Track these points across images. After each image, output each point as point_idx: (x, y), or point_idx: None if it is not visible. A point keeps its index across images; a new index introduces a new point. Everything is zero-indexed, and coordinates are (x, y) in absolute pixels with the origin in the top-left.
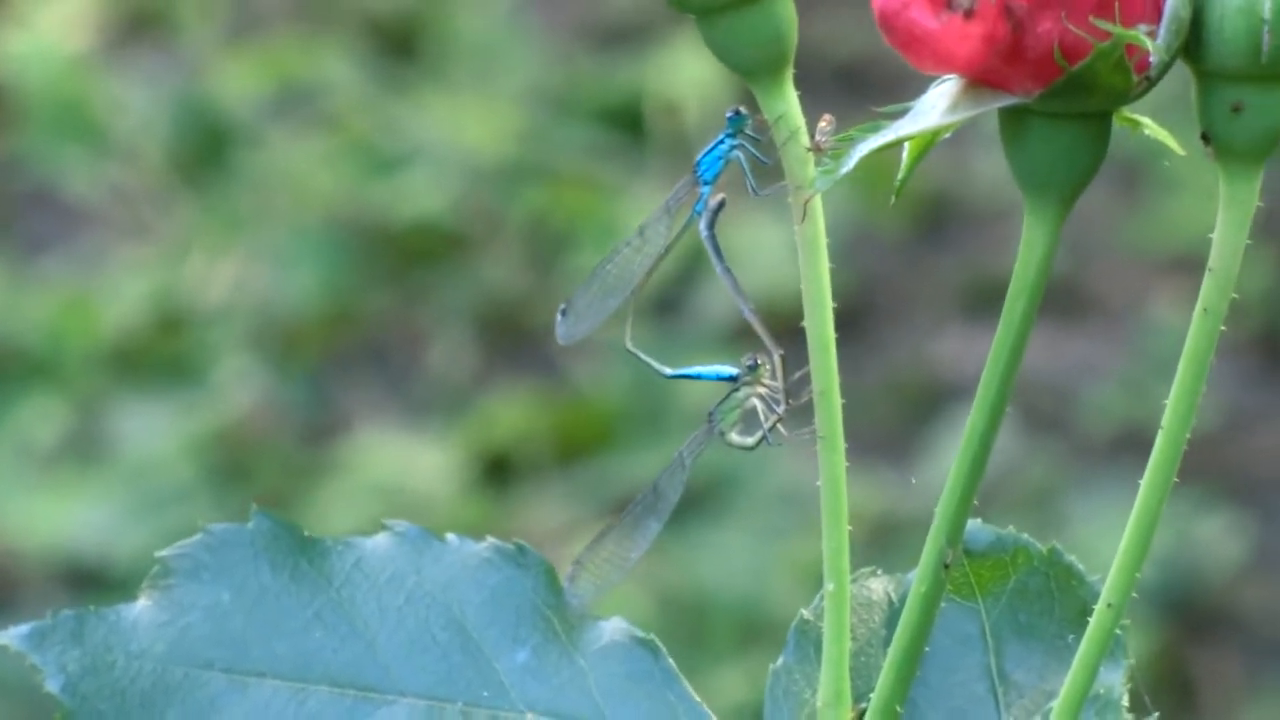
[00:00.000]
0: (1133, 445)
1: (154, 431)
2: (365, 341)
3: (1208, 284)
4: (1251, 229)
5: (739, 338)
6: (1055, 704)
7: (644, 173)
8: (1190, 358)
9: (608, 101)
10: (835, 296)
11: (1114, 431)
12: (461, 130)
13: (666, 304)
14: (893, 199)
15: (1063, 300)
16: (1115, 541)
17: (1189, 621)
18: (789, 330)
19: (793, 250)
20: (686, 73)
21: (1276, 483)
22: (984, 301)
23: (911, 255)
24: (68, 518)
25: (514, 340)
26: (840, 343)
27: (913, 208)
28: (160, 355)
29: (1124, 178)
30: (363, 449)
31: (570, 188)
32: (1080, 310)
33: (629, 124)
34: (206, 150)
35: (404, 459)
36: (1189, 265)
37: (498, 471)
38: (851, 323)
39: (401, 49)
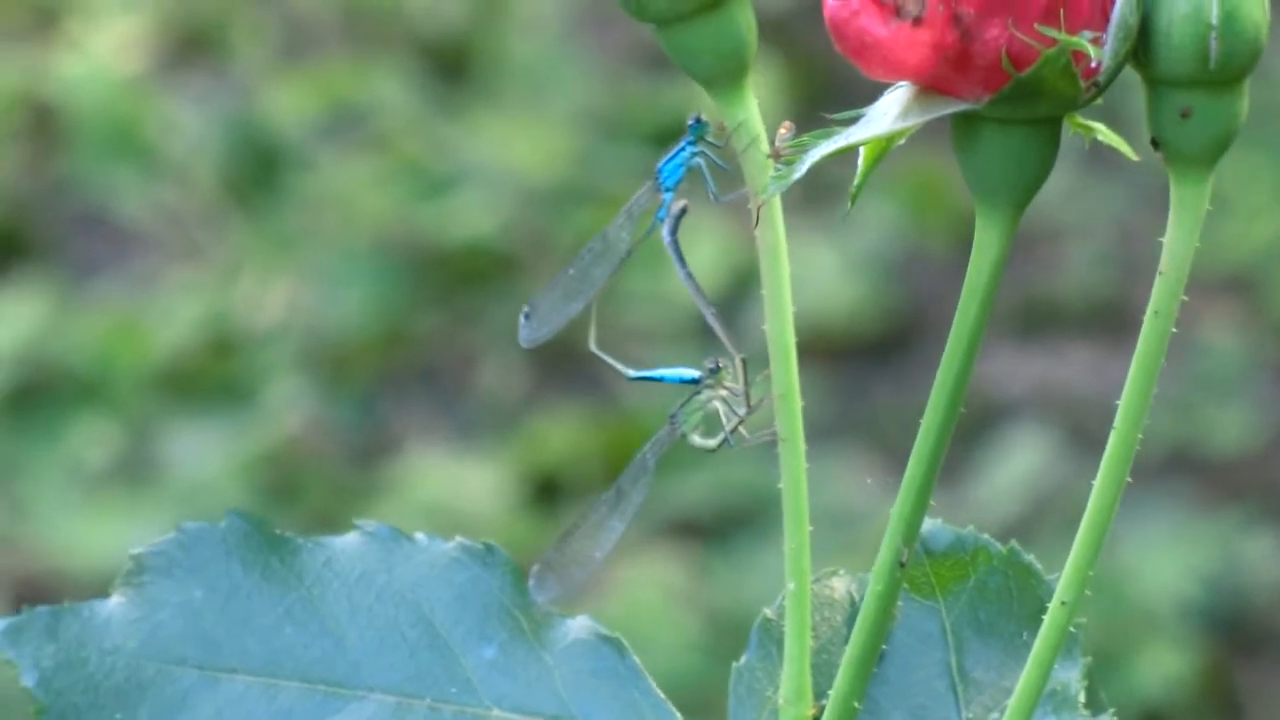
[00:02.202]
0: (1182, 466)
1: (204, 453)
2: (415, 362)
3: (1159, 287)
4: None
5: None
6: (1011, 700)
7: (692, 195)
8: (1141, 360)
9: (657, 123)
10: (884, 316)
11: (1163, 452)
12: (511, 152)
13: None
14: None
15: (1110, 320)
16: (1166, 563)
17: (1235, 640)
18: (840, 352)
19: (843, 270)
20: None
21: None
22: (1036, 321)
23: (962, 275)
24: (117, 538)
25: (563, 361)
26: (890, 362)
27: (962, 228)
28: (211, 377)
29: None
30: (413, 469)
31: (617, 209)
32: (1127, 330)
33: None
34: (258, 172)
35: (454, 479)
36: (1238, 286)
37: (547, 492)
38: (902, 342)
39: (452, 71)
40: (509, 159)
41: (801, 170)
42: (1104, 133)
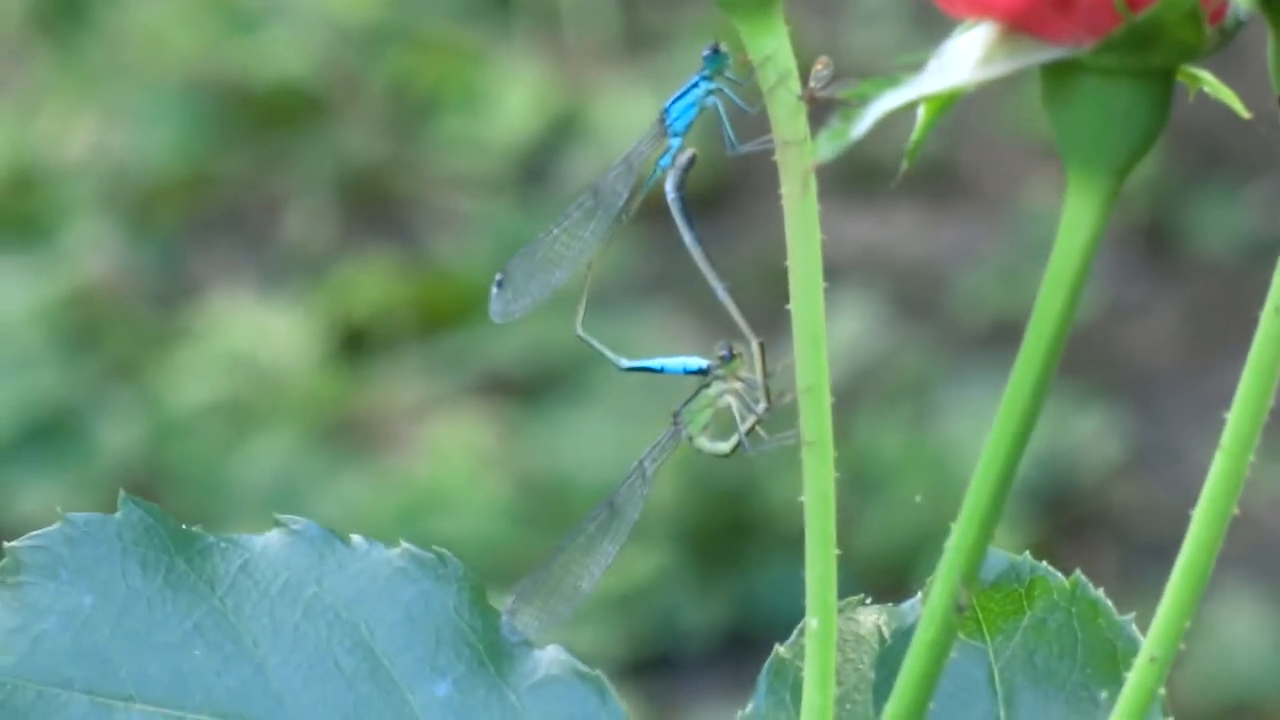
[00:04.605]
0: (1005, 335)
1: (2, 294)
2: (222, 205)
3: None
4: None
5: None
6: None
7: (510, 39)
8: (1256, 366)
9: None
10: (708, 166)
11: (987, 320)
12: None
13: (532, 171)
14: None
15: (937, 183)
16: (987, 436)
17: (1064, 519)
18: (657, 206)
19: None
20: None
21: (1156, 377)
22: (862, 181)
23: None
24: None
25: (374, 208)
26: (714, 216)
27: None
28: (10, 215)
29: None
30: (216, 316)
31: (434, 53)
32: (955, 194)
33: None
34: (64, 4)
35: (259, 328)
36: None
37: (355, 343)
38: (726, 196)
39: None
40: None
41: (862, 128)
42: (1212, 83)
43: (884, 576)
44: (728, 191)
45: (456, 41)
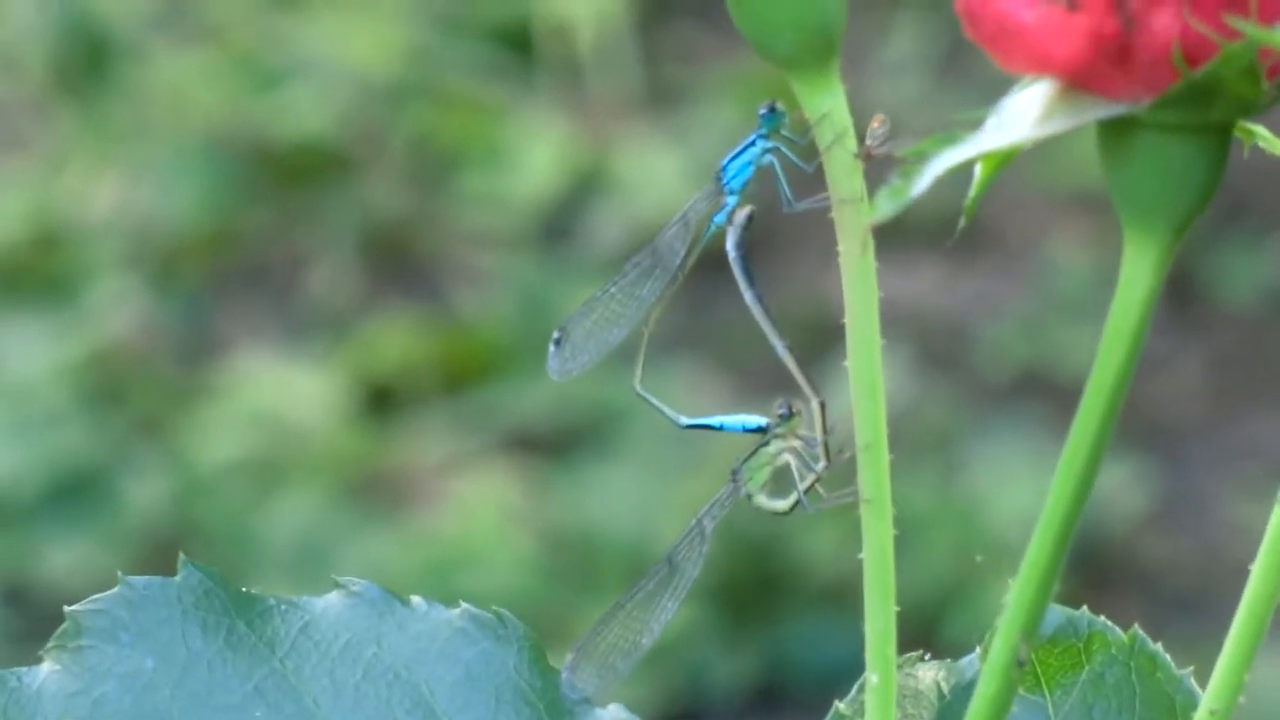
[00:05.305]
0: (1030, 387)
1: (27, 353)
2: (246, 262)
3: None
4: None
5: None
6: None
7: (533, 94)
8: None
9: (497, 21)
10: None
11: (1012, 372)
12: (347, 45)
13: (555, 227)
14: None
15: (961, 236)
16: (1015, 490)
17: (1090, 571)
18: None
19: (684, 174)
20: None
21: (1181, 429)
22: (883, 234)
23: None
24: None
25: (398, 264)
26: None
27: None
28: (35, 273)
29: None
30: (241, 374)
31: (457, 108)
32: (978, 246)
33: (518, 44)
34: (88, 62)
35: (283, 385)
36: (1090, 204)
37: (379, 400)
38: (749, 251)
39: None
40: (345, 53)
41: (922, 186)
42: (1266, 138)
43: (914, 629)
44: (752, 243)
45: (479, 97)
